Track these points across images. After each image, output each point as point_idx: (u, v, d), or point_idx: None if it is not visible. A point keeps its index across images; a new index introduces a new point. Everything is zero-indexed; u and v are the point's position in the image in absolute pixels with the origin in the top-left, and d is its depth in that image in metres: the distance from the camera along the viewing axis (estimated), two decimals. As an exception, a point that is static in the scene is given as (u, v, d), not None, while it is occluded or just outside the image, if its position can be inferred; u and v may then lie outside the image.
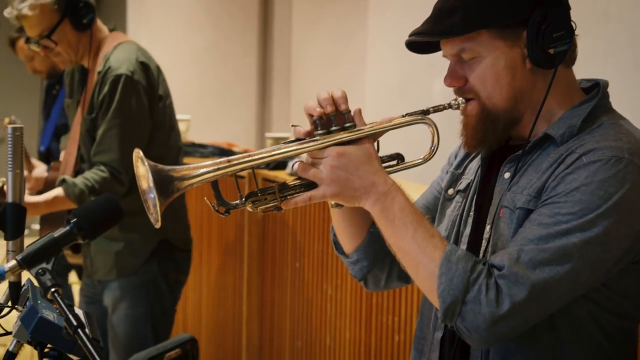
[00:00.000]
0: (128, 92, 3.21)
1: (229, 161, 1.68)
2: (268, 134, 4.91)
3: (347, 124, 1.71)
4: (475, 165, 1.91)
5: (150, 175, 1.61)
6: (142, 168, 1.64)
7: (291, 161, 3.58)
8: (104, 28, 3.41)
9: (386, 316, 3.13)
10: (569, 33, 1.71)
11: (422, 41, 1.76)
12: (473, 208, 1.84)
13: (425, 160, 1.77)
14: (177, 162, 3.46)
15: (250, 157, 1.69)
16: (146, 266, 3.37)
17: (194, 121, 5.31)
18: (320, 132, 1.71)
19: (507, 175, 1.76)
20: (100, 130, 3.23)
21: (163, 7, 6.44)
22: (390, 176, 1.71)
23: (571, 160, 1.65)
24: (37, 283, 1.57)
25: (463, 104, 1.76)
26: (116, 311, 3.39)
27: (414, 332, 1.99)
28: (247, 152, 1.71)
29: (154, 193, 1.61)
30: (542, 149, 1.74)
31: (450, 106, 1.76)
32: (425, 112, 1.75)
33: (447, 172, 1.97)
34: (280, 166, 3.89)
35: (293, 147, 1.71)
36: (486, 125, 1.75)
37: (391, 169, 1.78)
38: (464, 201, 1.88)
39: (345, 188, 1.68)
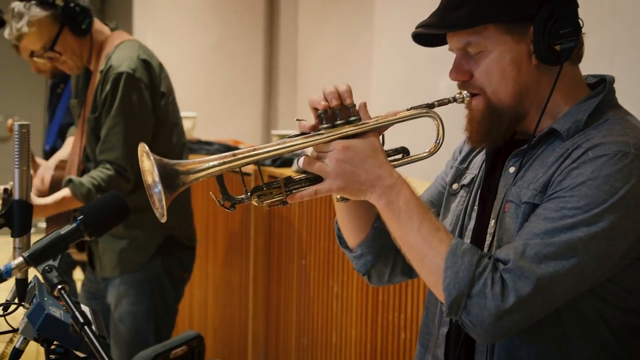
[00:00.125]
0: (130, 90, 3.22)
1: (234, 155, 1.68)
2: (274, 132, 4.92)
3: (352, 118, 1.71)
4: (479, 160, 1.91)
5: (155, 169, 1.61)
6: (148, 162, 1.64)
7: (297, 157, 3.59)
8: (105, 28, 3.42)
9: (392, 313, 3.13)
10: (576, 30, 1.71)
11: (429, 34, 1.76)
12: (477, 202, 1.84)
13: (430, 153, 1.77)
14: (181, 159, 3.47)
15: (255, 151, 1.69)
16: (150, 263, 3.38)
17: (200, 118, 5.31)
18: (325, 126, 1.71)
19: (512, 169, 1.76)
20: (104, 128, 3.24)
21: (169, 5, 6.44)
22: (395, 170, 1.71)
23: (577, 154, 1.65)
24: (44, 280, 1.57)
25: (468, 98, 1.76)
26: (119, 307, 3.39)
27: (419, 328, 1.99)
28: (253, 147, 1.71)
29: (160, 187, 1.61)
30: (548, 144, 1.74)
31: (455, 99, 1.76)
32: (430, 106, 1.76)
33: (452, 167, 1.97)
34: (286, 163, 3.89)
35: (298, 141, 1.71)
36: (491, 120, 1.75)
37: (396, 163, 1.78)
38: (468, 196, 1.88)
39: (351, 181, 1.68)
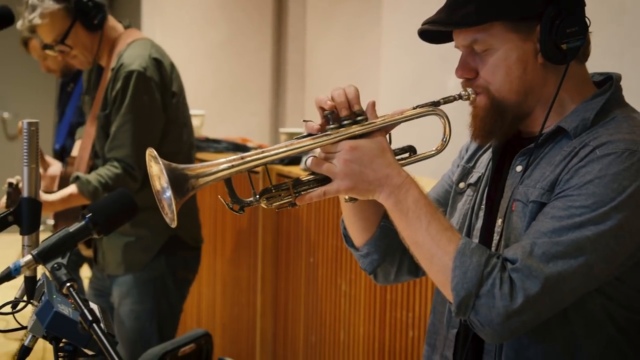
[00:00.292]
0: (140, 88, 3.22)
1: (243, 158, 1.68)
2: (282, 129, 4.91)
3: (359, 118, 1.71)
4: (486, 158, 1.90)
5: (165, 174, 1.60)
6: (156, 167, 1.64)
7: (305, 156, 3.58)
8: (118, 26, 3.43)
9: (400, 312, 3.13)
10: (583, 29, 1.71)
11: (435, 31, 1.76)
12: (484, 201, 1.84)
13: (437, 151, 1.77)
14: (190, 158, 3.48)
15: (263, 154, 1.69)
16: (154, 262, 3.37)
17: (208, 116, 5.31)
18: (332, 127, 1.71)
19: (519, 168, 1.76)
20: (113, 126, 3.25)
21: (177, 3, 6.45)
22: (404, 169, 1.71)
23: (585, 153, 1.64)
24: (53, 278, 1.58)
25: (473, 95, 1.75)
26: (122, 307, 3.40)
27: (427, 327, 1.99)
28: (261, 149, 1.71)
29: (170, 192, 1.60)
30: (555, 142, 1.73)
31: (460, 97, 1.76)
32: (436, 104, 1.75)
33: (458, 166, 1.97)
34: (294, 161, 3.89)
35: (306, 143, 1.71)
36: (495, 117, 1.75)
37: (404, 162, 1.78)
38: (475, 195, 1.87)
39: (359, 181, 1.68)
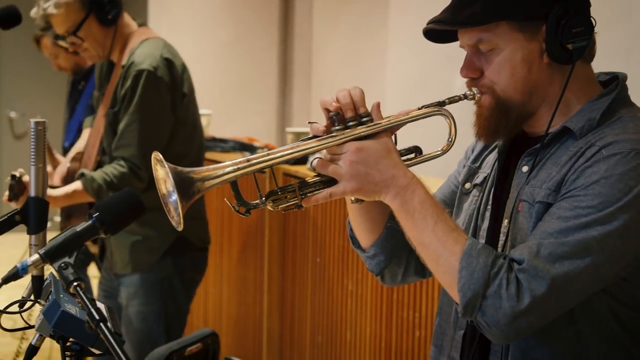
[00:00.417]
0: (150, 88, 3.21)
1: (248, 161, 1.68)
2: (289, 129, 4.92)
3: (364, 118, 1.71)
4: (492, 158, 1.90)
5: (171, 177, 1.60)
6: (162, 171, 1.63)
7: (311, 156, 3.59)
8: (132, 23, 3.42)
9: (407, 312, 3.13)
10: (589, 29, 1.71)
11: (440, 30, 1.76)
12: (490, 202, 1.84)
13: (443, 151, 1.77)
14: (199, 160, 3.48)
15: (269, 156, 1.69)
16: (161, 263, 3.37)
17: (215, 116, 5.32)
18: (337, 128, 1.70)
19: (525, 168, 1.75)
20: (121, 124, 3.25)
21: (184, 2, 6.45)
22: (409, 169, 1.71)
23: (591, 153, 1.64)
24: (60, 277, 1.58)
25: (479, 95, 1.75)
26: (129, 308, 3.40)
27: (433, 328, 1.99)
28: (267, 150, 1.71)
29: (176, 196, 1.60)
30: (561, 143, 1.73)
31: (465, 97, 1.76)
32: (441, 104, 1.75)
33: (464, 166, 1.97)
34: (300, 161, 3.89)
35: (311, 144, 1.71)
36: (499, 117, 1.74)
37: (410, 162, 1.78)
38: (481, 195, 1.87)
39: (365, 183, 1.67)
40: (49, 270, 1.64)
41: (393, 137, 1.73)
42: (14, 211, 1.77)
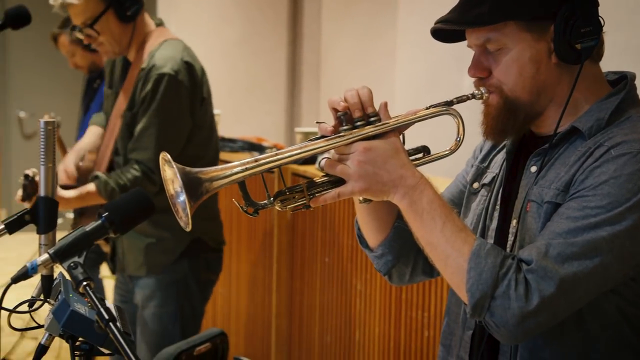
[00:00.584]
0: (170, 92, 3.19)
1: (257, 161, 1.68)
2: (297, 129, 4.92)
3: (372, 118, 1.71)
4: (500, 158, 1.90)
5: (179, 177, 1.60)
6: (170, 171, 1.64)
7: (319, 156, 3.59)
8: (151, 22, 3.39)
9: (415, 311, 3.13)
10: (597, 29, 1.70)
11: (448, 29, 1.76)
12: (499, 202, 1.84)
13: (451, 151, 1.77)
14: (215, 163, 3.45)
15: (277, 157, 1.69)
16: (177, 265, 3.36)
17: (224, 116, 5.32)
18: (345, 128, 1.70)
19: (534, 169, 1.75)
20: (138, 126, 3.22)
21: (193, 1, 6.46)
22: (418, 169, 1.71)
23: (599, 153, 1.64)
24: (69, 277, 1.59)
25: (487, 94, 1.75)
26: (145, 309, 3.39)
27: (442, 328, 1.99)
28: (275, 150, 1.71)
29: (184, 196, 1.60)
30: (570, 143, 1.73)
31: (473, 96, 1.76)
32: (449, 103, 1.75)
33: (472, 166, 1.97)
34: (309, 161, 3.89)
35: (319, 144, 1.71)
36: (507, 116, 1.74)
37: (418, 162, 1.78)
38: (489, 195, 1.87)
39: (373, 183, 1.67)
40: (59, 269, 1.64)
41: (401, 137, 1.73)
42: (24, 211, 1.77)
